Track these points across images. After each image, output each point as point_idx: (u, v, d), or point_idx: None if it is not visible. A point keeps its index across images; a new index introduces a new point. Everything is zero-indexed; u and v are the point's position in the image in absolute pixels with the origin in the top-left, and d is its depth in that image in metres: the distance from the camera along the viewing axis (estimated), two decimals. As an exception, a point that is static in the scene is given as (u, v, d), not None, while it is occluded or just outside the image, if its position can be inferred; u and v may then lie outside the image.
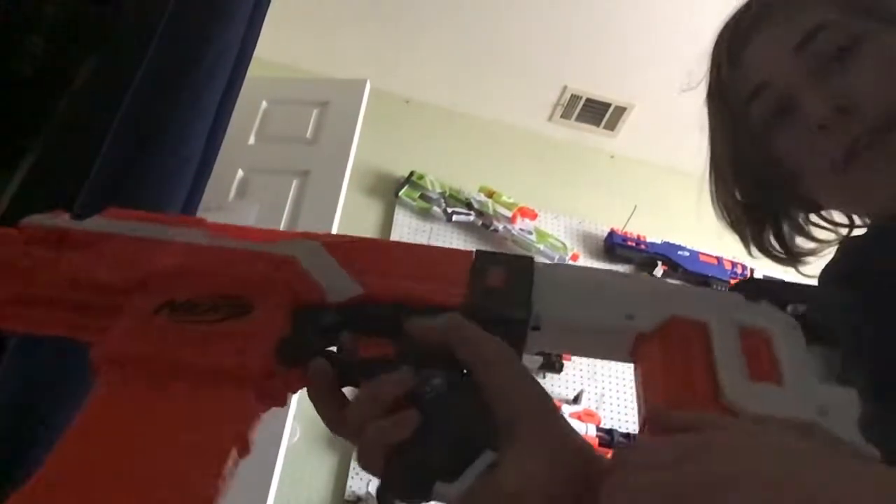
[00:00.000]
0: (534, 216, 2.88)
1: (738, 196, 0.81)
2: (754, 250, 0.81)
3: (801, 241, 0.79)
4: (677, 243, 2.94)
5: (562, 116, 3.23)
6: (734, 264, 2.95)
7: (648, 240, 2.93)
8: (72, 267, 0.48)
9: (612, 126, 3.23)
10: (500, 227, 2.79)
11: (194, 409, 0.41)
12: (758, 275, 3.00)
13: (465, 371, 0.44)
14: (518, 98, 3.19)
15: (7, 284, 0.48)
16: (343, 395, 0.45)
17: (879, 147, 0.64)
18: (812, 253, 0.80)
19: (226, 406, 0.42)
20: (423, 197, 2.83)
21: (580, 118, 3.23)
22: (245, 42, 1.52)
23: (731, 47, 0.76)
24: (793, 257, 0.80)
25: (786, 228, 0.79)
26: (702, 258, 2.94)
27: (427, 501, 0.40)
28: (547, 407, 0.43)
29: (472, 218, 2.81)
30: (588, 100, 3.12)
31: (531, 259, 0.50)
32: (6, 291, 0.48)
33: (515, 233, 2.79)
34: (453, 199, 2.85)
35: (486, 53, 2.98)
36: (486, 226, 2.80)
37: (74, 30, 1.39)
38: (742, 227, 0.82)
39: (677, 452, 0.37)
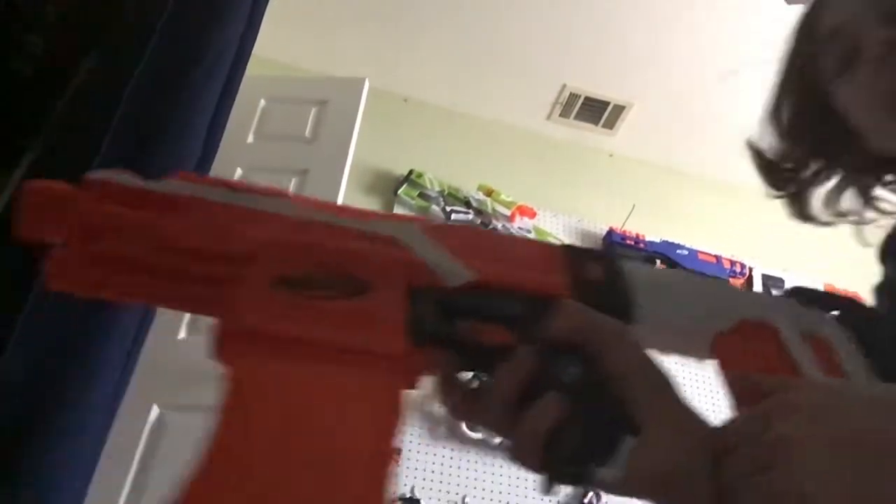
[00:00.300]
0: (532, 215, 2.88)
1: (790, 149, 0.81)
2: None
3: (864, 209, 0.80)
4: (676, 242, 2.94)
5: (560, 115, 3.23)
6: (733, 262, 2.96)
7: (647, 238, 2.93)
8: (169, 231, 0.44)
9: (610, 125, 3.23)
10: (499, 225, 2.79)
11: (343, 387, 0.40)
12: (756, 273, 3.01)
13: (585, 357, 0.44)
14: (517, 97, 3.19)
15: (95, 244, 0.43)
16: (462, 381, 0.46)
17: None
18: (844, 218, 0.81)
19: (375, 384, 0.40)
20: (421, 195, 2.84)
21: (579, 117, 3.23)
22: (244, 40, 1.52)
23: (812, 8, 0.78)
24: (839, 217, 0.81)
25: (850, 192, 0.80)
26: (700, 256, 2.94)
27: (587, 485, 0.42)
28: (674, 391, 0.44)
29: (470, 216, 2.81)
30: (587, 98, 3.12)
31: (616, 256, 0.51)
32: (94, 250, 0.43)
33: (514, 231, 2.79)
34: (452, 197, 2.85)
35: (484, 52, 2.98)
36: (484, 224, 2.80)
37: (74, 30, 1.39)
38: (785, 181, 0.82)
39: (758, 420, 0.40)
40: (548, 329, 0.44)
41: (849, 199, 0.80)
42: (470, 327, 0.45)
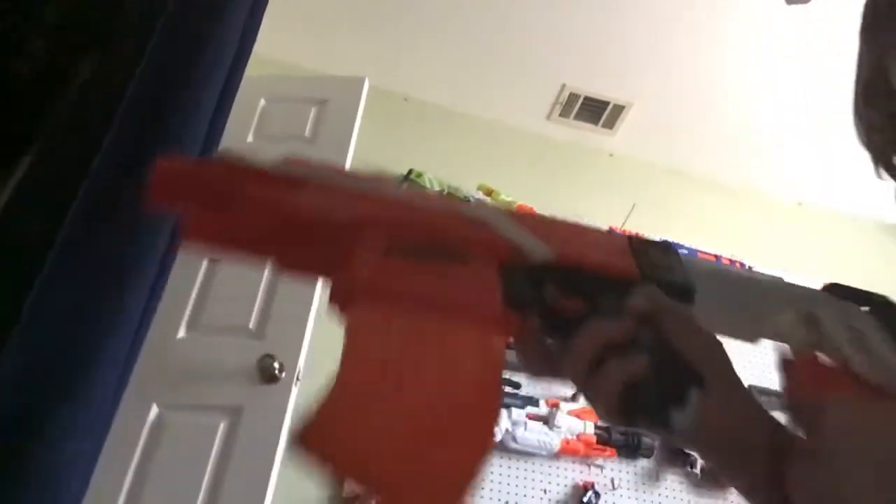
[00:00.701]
0: (532, 214, 2.88)
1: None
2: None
3: None
4: (675, 242, 2.95)
5: (560, 115, 3.23)
6: (732, 262, 2.96)
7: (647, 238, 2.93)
8: (291, 202, 0.48)
9: (610, 125, 3.24)
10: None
11: (453, 343, 0.45)
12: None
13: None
14: (516, 96, 3.19)
15: (224, 210, 0.48)
16: (543, 340, 0.52)
17: None
18: None
19: (479, 336, 0.46)
20: (421, 195, 2.83)
21: (579, 117, 3.23)
22: (244, 39, 1.52)
23: None
24: None
25: None
26: (700, 256, 2.94)
27: (663, 428, 0.48)
28: (730, 362, 0.50)
29: (470, 216, 2.81)
30: (586, 98, 3.13)
31: (671, 243, 0.58)
32: (224, 215, 0.48)
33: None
34: (452, 197, 2.85)
35: (484, 52, 2.99)
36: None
37: (74, 30, 1.39)
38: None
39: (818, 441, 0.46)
40: (627, 305, 0.51)
41: None
42: (553, 297, 0.51)
